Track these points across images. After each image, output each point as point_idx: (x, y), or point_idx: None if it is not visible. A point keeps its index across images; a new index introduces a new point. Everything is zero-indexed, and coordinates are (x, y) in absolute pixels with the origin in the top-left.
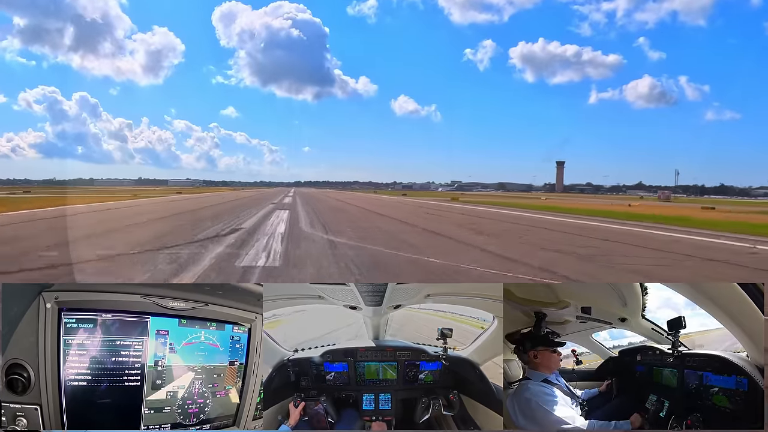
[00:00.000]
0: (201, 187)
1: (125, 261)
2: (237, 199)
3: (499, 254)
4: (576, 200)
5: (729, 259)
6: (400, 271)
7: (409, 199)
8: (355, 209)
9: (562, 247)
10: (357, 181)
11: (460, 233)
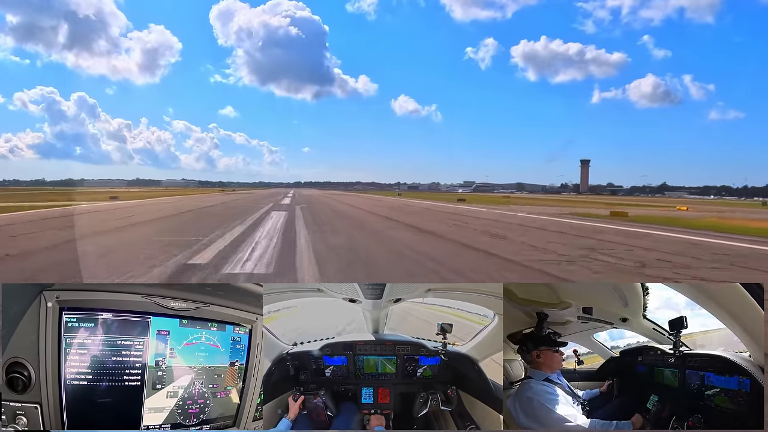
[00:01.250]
0: (195, 188)
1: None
2: (211, 206)
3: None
4: (626, 203)
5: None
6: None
7: (433, 203)
8: (371, 218)
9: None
10: (359, 182)
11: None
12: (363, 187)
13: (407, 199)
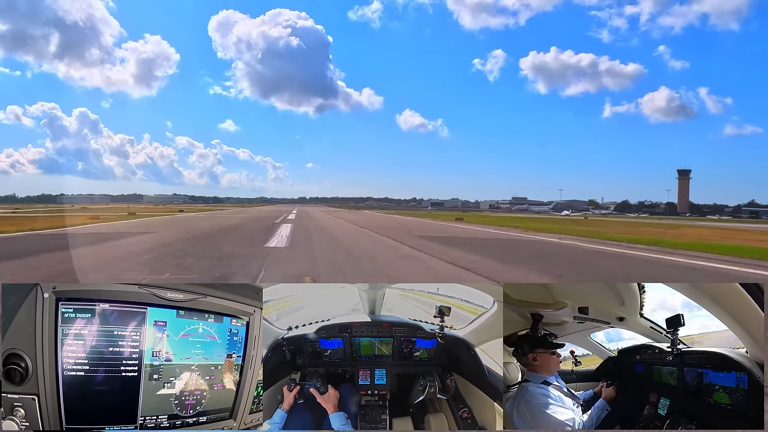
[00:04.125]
0: (181, 204)
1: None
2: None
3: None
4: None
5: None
6: None
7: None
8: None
9: None
10: (370, 197)
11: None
12: (375, 203)
13: (474, 225)
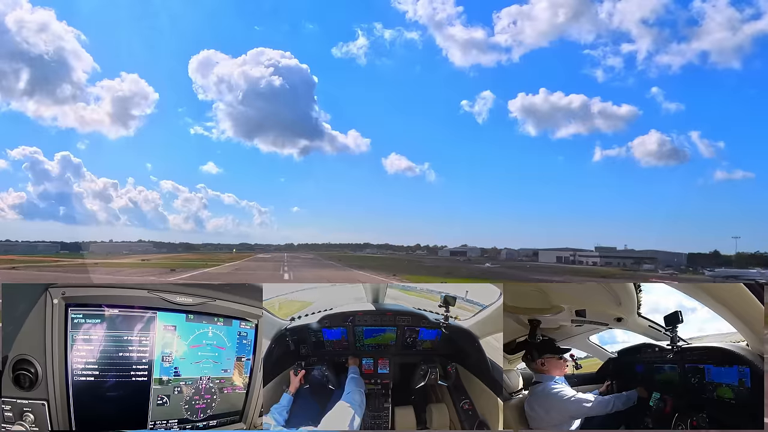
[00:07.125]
0: (141, 254)
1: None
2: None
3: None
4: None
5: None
6: None
7: None
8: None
9: None
10: (368, 243)
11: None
12: (375, 250)
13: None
